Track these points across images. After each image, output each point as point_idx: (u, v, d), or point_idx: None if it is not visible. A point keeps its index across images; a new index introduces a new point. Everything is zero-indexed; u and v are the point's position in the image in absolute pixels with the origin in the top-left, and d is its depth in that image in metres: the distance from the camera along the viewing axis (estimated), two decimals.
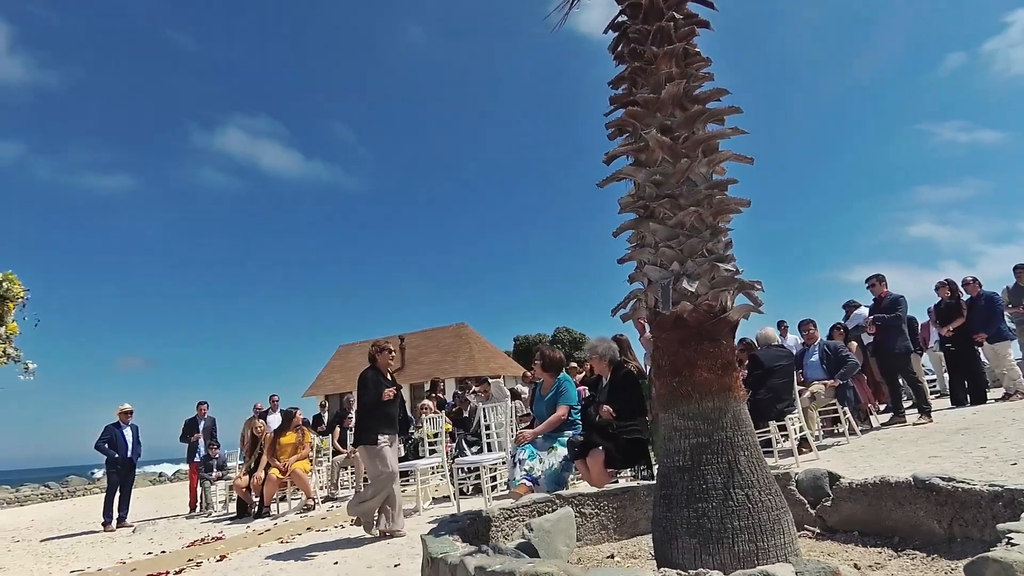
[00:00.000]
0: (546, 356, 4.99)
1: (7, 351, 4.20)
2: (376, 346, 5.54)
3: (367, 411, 5.27)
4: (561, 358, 5.10)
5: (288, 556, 5.00)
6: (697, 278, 2.41)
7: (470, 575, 1.73)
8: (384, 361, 5.49)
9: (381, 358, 5.48)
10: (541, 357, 5.02)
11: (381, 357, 5.48)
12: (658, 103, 2.64)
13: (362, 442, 5.20)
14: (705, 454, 2.27)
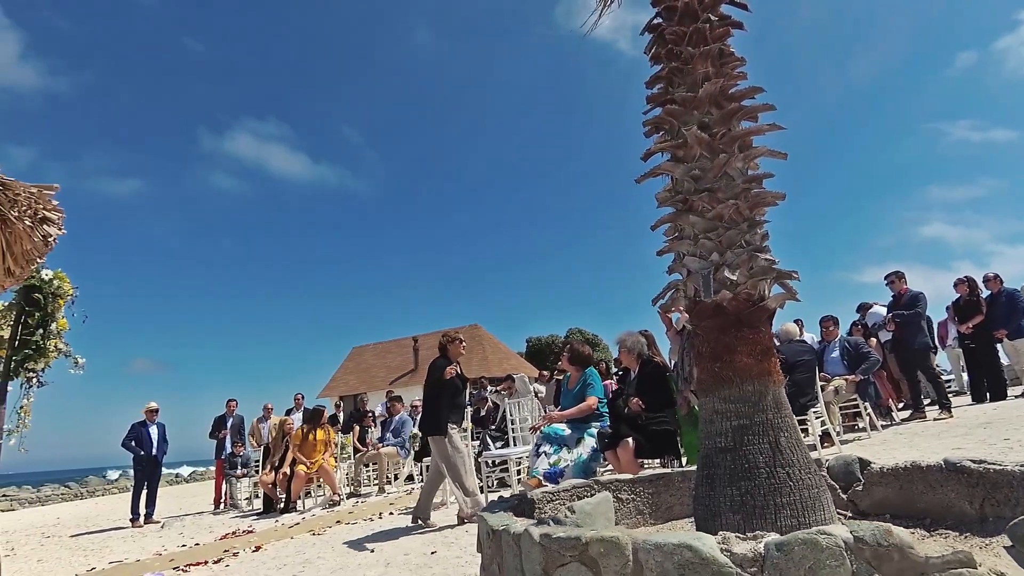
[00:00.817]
0: (575, 350, 5.12)
1: (58, 346, 4.37)
2: (447, 336, 5.66)
3: (437, 398, 5.37)
4: (590, 353, 5.21)
5: (323, 546, 5.14)
6: (736, 268, 2.52)
7: (535, 542, 1.85)
8: (455, 351, 5.60)
9: (453, 348, 5.59)
10: (570, 351, 5.15)
11: (453, 347, 5.59)
12: (695, 101, 2.75)
13: (432, 432, 5.28)
14: (747, 435, 2.38)
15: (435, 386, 5.39)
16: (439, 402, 5.32)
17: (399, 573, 3.78)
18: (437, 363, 5.54)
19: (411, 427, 9.61)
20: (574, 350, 5.13)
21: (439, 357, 5.64)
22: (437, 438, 5.26)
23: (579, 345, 5.24)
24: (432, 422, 5.31)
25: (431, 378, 5.45)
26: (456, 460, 5.13)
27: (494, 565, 2.12)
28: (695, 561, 1.54)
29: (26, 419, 4.40)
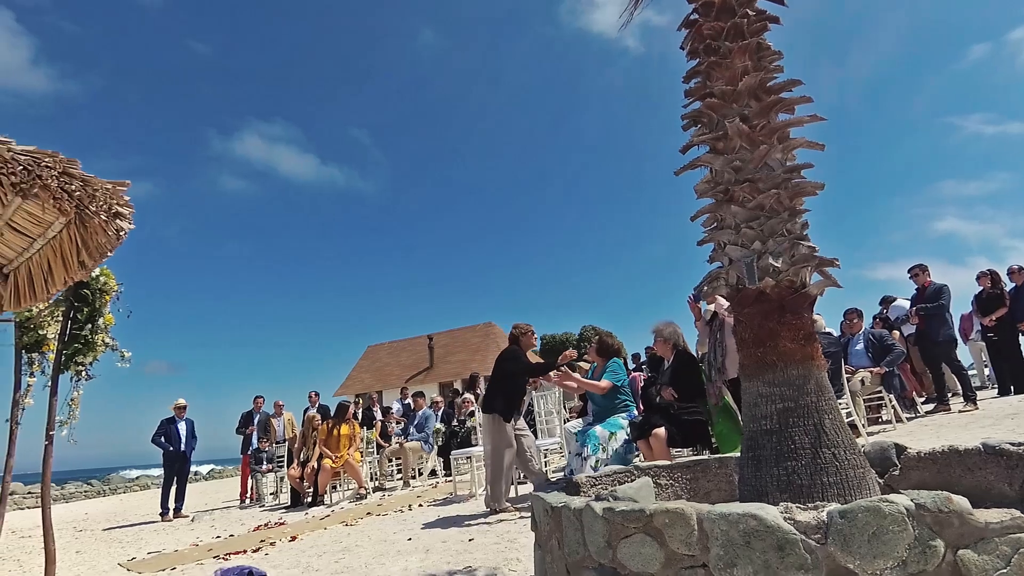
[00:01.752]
0: (603, 341, 5.24)
1: (105, 340, 4.51)
2: (519, 328, 5.74)
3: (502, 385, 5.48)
4: (618, 346, 5.32)
5: (358, 536, 5.25)
6: (779, 256, 2.59)
7: (598, 516, 1.93)
8: (527, 342, 5.70)
9: (525, 339, 5.70)
10: (599, 342, 5.26)
11: (525, 339, 5.70)
12: (735, 94, 2.83)
13: (495, 411, 5.38)
14: (791, 417, 2.45)
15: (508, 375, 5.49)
16: (505, 389, 5.43)
17: (440, 558, 3.89)
18: (514, 350, 5.61)
19: (435, 422, 9.73)
20: (602, 341, 5.25)
21: (510, 347, 5.73)
22: (495, 417, 5.36)
23: (607, 337, 5.34)
24: (494, 402, 5.42)
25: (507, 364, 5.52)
26: (504, 450, 5.22)
27: (552, 541, 2.21)
28: (760, 529, 1.61)
29: (75, 411, 4.56)
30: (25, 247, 2.84)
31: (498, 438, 5.30)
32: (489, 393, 5.59)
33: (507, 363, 5.55)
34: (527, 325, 5.76)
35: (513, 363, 5.51)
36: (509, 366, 5.51)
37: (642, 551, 1.80)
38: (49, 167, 2.08)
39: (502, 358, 5.67)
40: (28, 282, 2.97)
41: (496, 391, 5.50)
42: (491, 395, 5.53)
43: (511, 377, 5.48)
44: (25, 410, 5.80)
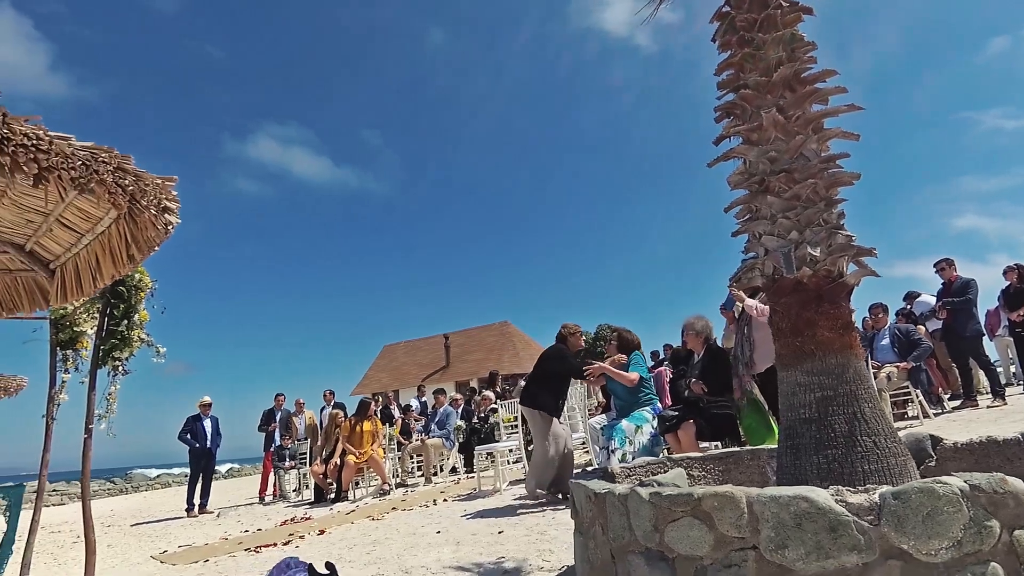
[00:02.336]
0: (623, 337, 5.27)
1: (141, 336, 4.59)
2: (567, 328, 5.74)
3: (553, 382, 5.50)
4: (638, 341, 5.35)
5: (386, 529, 5.31)
6: (816, 245, 2.60)
7: (645, 501, 1.96)
8: (575, 343, 5.71)
9: (573, 340, 5.70)
10: (618, 338, 5.29)
11: (573, 339, 5.70)
12: (769, 85, 2.84)
13: (538, 406, 5.40)
14: (831, 406, 2.45)
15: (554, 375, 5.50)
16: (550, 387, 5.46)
17: (472, 549, 3.92)
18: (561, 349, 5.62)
19: (455, 419, 9.79)
20: (622, 337, 5.28)
21: (557, 345, 5.72)
22: (537, 412, 5.40)
23: (626, 332, 5.37)
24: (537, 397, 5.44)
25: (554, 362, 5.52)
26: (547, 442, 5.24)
27: (595, 527, 2.24)
28: (811, 511, 1.63)
29: (113, 405, 4.65)
30: (73, 243, 2.91)
31: (540, 431, 5.31)
32: (531, 388, 5.58)
33: (553, 362, 5.53)
34: (575, 326, 5.76)
35: (560, 363, 5.48)
36: (555, 366, 5.48)
37: (690, 534, 1.82)
38: (105, 162, 2.14)
39: (547, 357, 5.66)
40: (75, 277, 3.05)
41: (540, 387, 5.49)
42: (534, 390, 5.53)
43: (558, 377, 5.47)
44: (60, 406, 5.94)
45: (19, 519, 4.85)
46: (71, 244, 2.94)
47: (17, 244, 3.04)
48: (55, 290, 3.16)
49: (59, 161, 1.99)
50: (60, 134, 2.01)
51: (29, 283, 3.26)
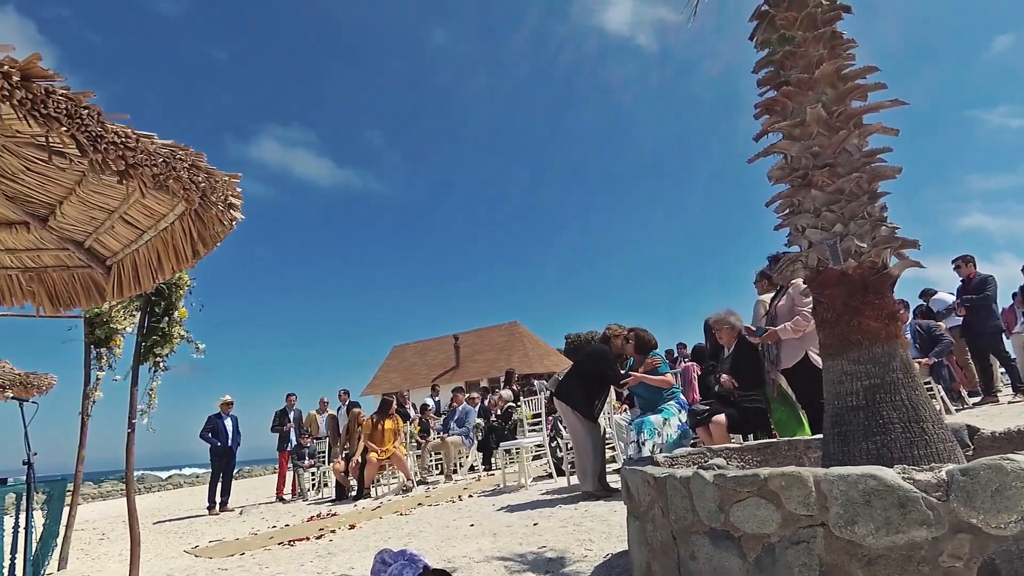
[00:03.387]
0: (640, 337, 5.34)
1: (180, 333, 4.70)
2: (612, 330, 5.77)
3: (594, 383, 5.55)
4: (654, 340, 5.44)
5: (417, 523, 5.38)
6: (861, 237, 2.66)
7: (708, 483, 2.02)
8: (617, 345, 5.72)
9: (616, 342, 5.71)
10: (636, 338, 5.35)
11: (616, 341, 5.71)
12: (811, 82, 2.90)
13: (577, 407, 5.44)
14: (878, 393, 2.51)
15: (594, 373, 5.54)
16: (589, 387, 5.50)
17: (510, 540, 4.00)
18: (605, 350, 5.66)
19: (474, 417, 9.86)
20: (639, 337, 5.35)
21: (600, 346, 5.77)
22: (563, 405, 5.46)
23: (642, 332, 5.44)
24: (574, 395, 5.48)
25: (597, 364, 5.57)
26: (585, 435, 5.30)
27: (654, 510, 2.31)
28: (880, 488, 1.70)
29: (153, 400, 4.75)
30: (133, 239, 3.00)
31: (578, 425, 5.36)
32: (567, 383, 5.63)
33: (594, 363, 5.56)
34: (621, 328, 5.77)
35: (604, 366, 5.50)
36: (596, 367, 5.51)
37: (757, 513, 1.89)
38: (182, 159, 2.23)
39: (589, 356, 5.70)
40: (133, 273, 3.13)
41: (576, 385, 5.53)
42: (569, 386, 5.57)
43: (596, 378, 5.51)
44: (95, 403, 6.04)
45: (62, 513, 4.94)
46: (130, 241, 3.03)
47: (77, 241, 3.13)
48: (111, 286, 3.25)
49: (143, 158, 2.07)
50: (145, 132, 2.09)
51: (86, 279, 3.35)
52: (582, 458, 5.29)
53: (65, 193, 2.76)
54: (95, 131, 1.91)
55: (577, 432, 5.36)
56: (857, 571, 1.71)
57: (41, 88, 1.74)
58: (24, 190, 2.79)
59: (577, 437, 5.36)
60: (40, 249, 3.18)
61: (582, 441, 5.24)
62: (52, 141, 1.88)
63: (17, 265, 3.26)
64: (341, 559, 4.21)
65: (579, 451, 5.30)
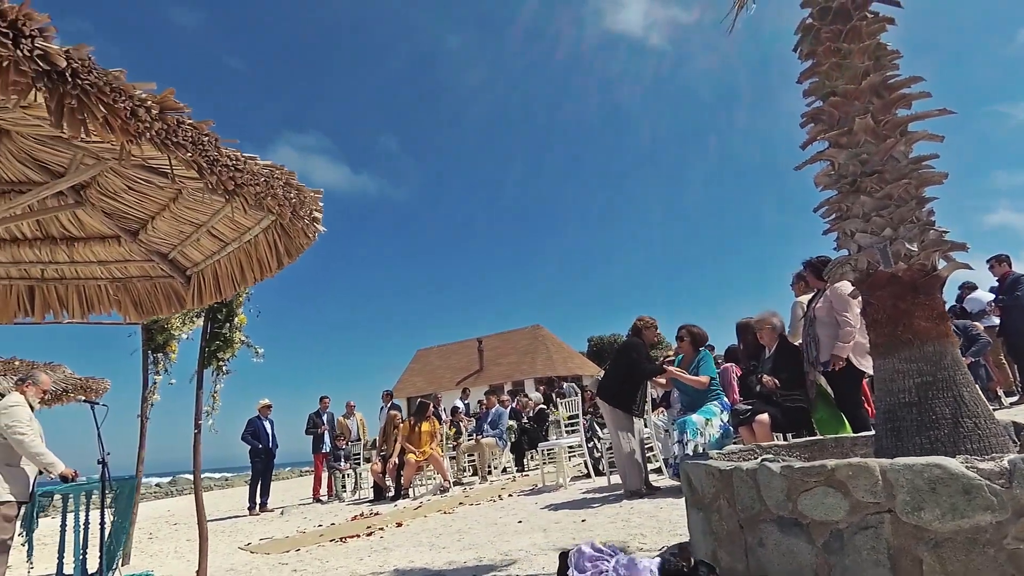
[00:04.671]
0: (693, 332, 5.45)
1: (241, 338, 4.93)
2: (643, 321, 5.82)
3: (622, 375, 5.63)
4: (707, 336, 5.55)
5: (465, 520, 5.55)
6: (911, 241, 2.78)
7: (776, 474, 2.16)
8: (649, 336, 5.81)
9: (648, 333, 5.79)
10: (689, 334, 5.46)
11: (648, 332, 5.79)
12: (857, 92, 3.03)
13: (618, 405, 5.53)
14: (930, 390, 2.63)
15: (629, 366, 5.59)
16: (625, 378, 5.57)
17: (562, 535, 4.15)
18: (638, 344, 5.71)
19: (507, 419, 10.03)
20: (693, 334, 5.46)
21: (633, 338, 5.82)
22: (606, 407, 5.55)
23: (696, 329, 5.55)
24: (614, 393, 5.57)
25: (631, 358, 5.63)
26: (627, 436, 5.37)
27: (720, 501, 2.45)
28: (944, 477, 1.83)
29: (217, 403, 4.99)
30: (216, 250, 3.22)
31: (619, 424, 5.44)
32: (608, 382, 5.72)
33: (629, 357, 5.61)
34: (652, 319, 5.82)
35: (638, 357, 5.57)
36: (631, 362, 5.57)
37: (825, 501, 2.02)
38: (278, 178, 2.43)
39: (623, 351, 5.78)
40: (214, 282, 3.35)
41: (617, 383, 5.61)
42: (611, 386, 5.65)
43: (634, 373, 5.57)
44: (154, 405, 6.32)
45: (131, 510, 5.19)
46: (212, 252, 3.25)
47: (162, 253, 3.36)
48: (191, 294, 3.47)
49: (248, 179, 2.28)
50: (249, 155, 2.30)
51: (167, 288, 3.58)
52: (623, 458, 5.38)
53: (159, 209, 2.99)
54: (213, 155, 2.11)
55: (618, 432, 5.45)
56: (924, 554, 1.84)
57: (174, 119, 1.94)
58: (122, 207, 3.02)
59: (618, 437, 5.44)
60: (128, 261, 3.41)
61: (624, 441, 5.33)
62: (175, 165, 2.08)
63: (106, 276, 3.50)
64: (398, 553, 4.39)
65: (620, 451, 5.39)
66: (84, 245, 3.29)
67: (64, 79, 1.61)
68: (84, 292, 3.54)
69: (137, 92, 1.79)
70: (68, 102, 1.64)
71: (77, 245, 3.28)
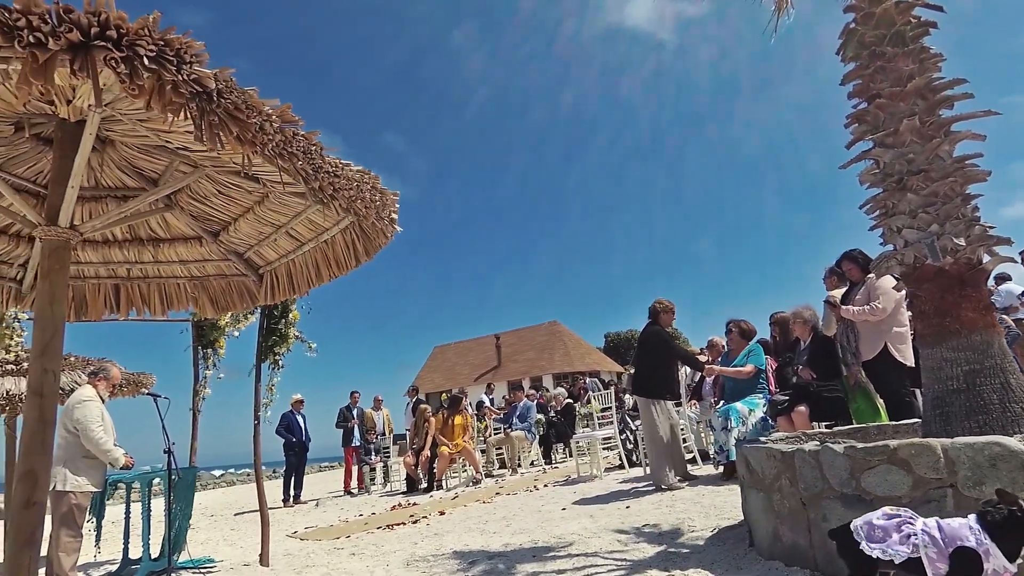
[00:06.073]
0: (744, 328, 5.60)
1: (295, 333, 5.15)
2: (660, 304, 5.87)
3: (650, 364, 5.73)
4: (754, 329, 5.70)
5: (509, 508, 5.74)
6: (959, 236, 2.93)
7: (839, 454, 2.33)
8: (667, 320, 5.86)
9: (665, 316, 5.84)
10: (740, 329, 5.60)
11: (665, 316, 5.84)
12: (903, 94, 3.17)
13: (655, 394, 5.62)
14: (978, 378, 2.78)
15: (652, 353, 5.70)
16: (652, 368, 5.67)
17: (609, 520, 4.33)
18: (659, 331, 5.79)
19: (535, 412, 10.23)
20: (742, 328, 5.61)
21: (651, 323, 5.89)
22: (643, 400, 5.65)
23: (745, 323, 5.69)
24: (643, 384, 5.68)
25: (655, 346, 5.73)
26: (656, 429, 5.48)
27: (781, 481, 2.62)
28: (1004, 454, 1.99)
29: (273, 396, 5.23)
30: (291, 250, 3.42)
31: (651, 418, 5.54)
32: (641, 375, 5.81)
33: (656, 344, 5.70)
34: (670, 302, 5.87)
35: (665, 346, 5.66)
36: (659, 347, 5.67)
37: (888, 478, 2.19)
38: (367, 183, 2.63)
39: (648, 339, 5.84)
40: (287, 279, 3.56)
41: (650, 373, 5.70)
42: (644, 377, 5.74)
43: (664, 358, 5.66)
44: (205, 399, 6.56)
45: (193, 498, 5.43)
46: (287, 251, 3.45)
47: (239, 252, 3.56)
48: (263, 292, 3.68)
49: (344, 183, 2.47)
50: (345, 161, 2.49)
51: (240, 286, 3.78)
52: (659, 451, 5.49)
53: (243, 211, 3.19)
54: (318, 163, 2.31)
55: (653, 425, 5.56)
56: None
57: (290, 131, 2.14)
58: (208, 210, 3.23)
59: (653, 430, 5.55)
60: (206, 260, 3.63)
61: (660, 434, 5.46)
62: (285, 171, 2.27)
63: (186, 275, 3.71)
64: (451, 538, 4.60)
65: (655, 443, 5.50)
66: (168, 246, 3.50)
67: (211, 98, 1.81)
68: (165, 290, 3.75)
69: (265, 108, 1.99)
70: (211, 119, 1.84)
71: (162, 246, 3.50)
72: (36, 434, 2.22)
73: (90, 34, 1.58)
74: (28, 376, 2.34)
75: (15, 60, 1.62)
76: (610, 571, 3.03)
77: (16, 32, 1.52)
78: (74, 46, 1.60)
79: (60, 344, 2.34)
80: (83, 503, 4.49)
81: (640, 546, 3.46)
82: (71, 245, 2.43)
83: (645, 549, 3.37)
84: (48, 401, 2.25)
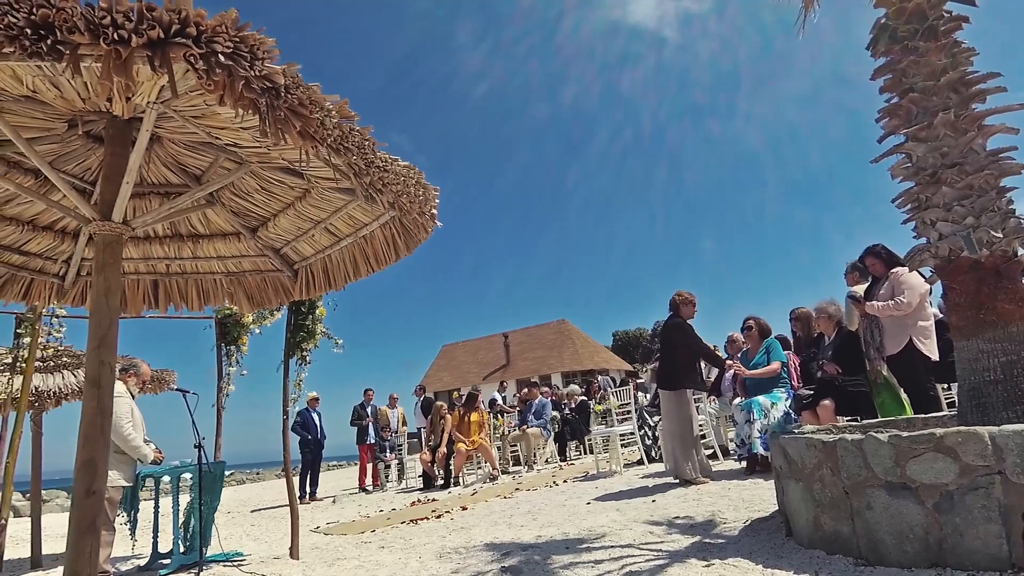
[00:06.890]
0: (762, 326, 5.62)
1: (322, 329, 5.20)
2: (681, 296, 5.86)
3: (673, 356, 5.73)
4: (770, 327, 5.72)
5: (531, 504, 5.78)
6: (993, 229, 2.95)
7: (883, 443, 2.36)
8: (688, 312, 5.84)
9: (685, 308, 5.83)
10: (759, 327, 5.62)
11: (685, 308, 5.83)
12: (936, 88, 3.20)
13: (671, 387, 5.63)
14: (1015, 368, 2.80)
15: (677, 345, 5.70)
16: (675, 359, 5.68)
17: (637, 513, 4.36)
18: (681, 323, 5.78)
19: (551, 409, 10.27)
20: (760, 326, 5.63)
21: (676, 317, 5.88)
22: (668, 393, 5.66)
23: (762, 321, 5.72)
24: (668, 377, 5.68)
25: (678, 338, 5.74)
26: (679, 424, 5.47)
27: (822, 471, 2.65)
28: None
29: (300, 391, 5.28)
30: (328, 245, 3.47)
31: (674, 412, 5.54)
32: (665, 370, 5.80)
33: (679, 337, 5.71)
34: (691, 295, 5.86)
35: (684, 337, 5.67)
36: (682, 340, 5.68)
37: (934, 466, 2.22)
38: (412, 178, 2.67)
39: (670, 332, 5.84)
40: (323, 274, 3.61)
41: (674, 366, 5.69)
42: (668, 370, 5.74)
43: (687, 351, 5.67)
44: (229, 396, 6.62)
45: (221, 492, 5.50)
46: (325, 247, 3.50)
47: (275, 248, 3.62)
48: (298, 287, 3.74)
49: (392, 179, 2.51)
50: (392, 156, 2.53)
51: (275, 282, 3.84)
52: (680, 446, 5.48)
53: (283, 207, 3.24)
54: (370, 158, 2.35)
55: (677, 419, 5.55)
56: None
57: (346, 127, 2.18)
58: (249, 206, 3.29)
59: (676, 424, 5.54)
60: (243, 256, 3.68)
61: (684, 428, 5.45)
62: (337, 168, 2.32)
63: (223, 270, 3.77)
64: (479, 531, 4.64)
65: (676, 438, 5.48)
66: (208, 241, 3.56)
67: (279, 94, 1.86)
68: (202, 286, 3.82)
69: (327, 104, 2.03)
70: (278, 114, 1.89)
71: (201, 242, 3.56)
72: (95, 424, 2.28)
73: (170, 31, 1.63)
74: (85, 368, 2.40)
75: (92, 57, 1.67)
76: (648, 561, 3.06)
77: (102, 29, 1.57)
78: (152, 43, 1.65)
79: (115, 336, 2.39)
80: (115, 497, 4.55)
81: (674, 537, 3.50)
82: (123, 240, 2.48)
83: (679, 540, 3.40)
84: (105, 392, 2.30)
